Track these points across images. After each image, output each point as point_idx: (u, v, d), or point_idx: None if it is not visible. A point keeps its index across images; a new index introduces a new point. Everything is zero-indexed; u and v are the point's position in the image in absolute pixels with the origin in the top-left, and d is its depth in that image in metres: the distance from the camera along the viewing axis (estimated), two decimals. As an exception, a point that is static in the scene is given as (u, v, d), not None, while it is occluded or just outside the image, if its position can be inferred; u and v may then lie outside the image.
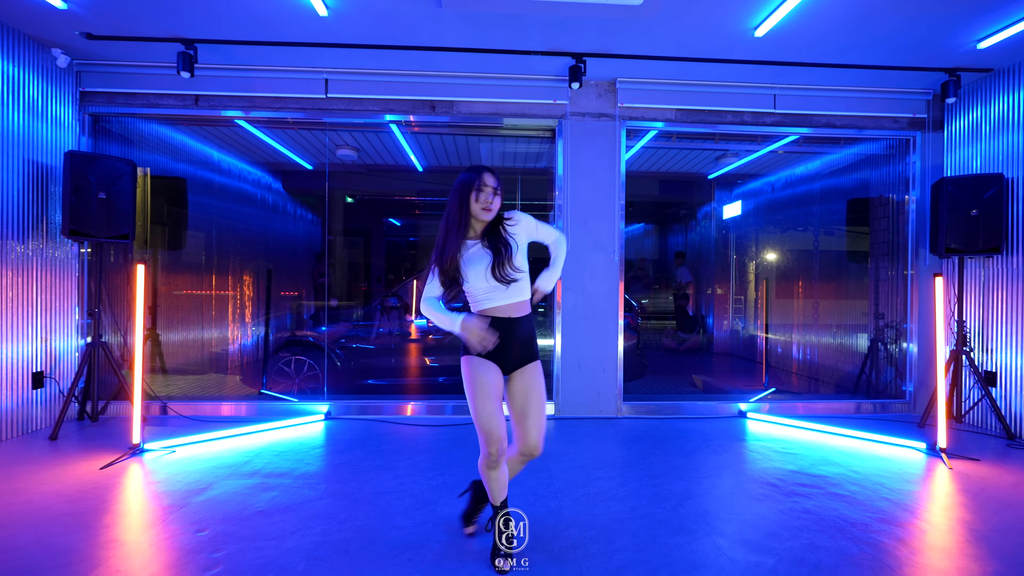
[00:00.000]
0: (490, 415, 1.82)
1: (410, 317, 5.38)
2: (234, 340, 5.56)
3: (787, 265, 6.37)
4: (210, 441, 3.31)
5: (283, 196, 6.72)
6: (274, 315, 5.73)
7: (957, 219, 3.75)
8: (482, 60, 3.72)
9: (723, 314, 7.33)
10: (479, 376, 1.86)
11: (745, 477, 2.84)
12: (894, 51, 3.55)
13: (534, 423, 1.88)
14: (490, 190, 1.85)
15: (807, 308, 5.92)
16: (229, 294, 5.64)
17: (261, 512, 2.31)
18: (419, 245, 9.11)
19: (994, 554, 2.03)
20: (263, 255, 6.13)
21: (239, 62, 3.77)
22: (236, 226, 5.85)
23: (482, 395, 1.84)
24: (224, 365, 5.38)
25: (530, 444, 1.89)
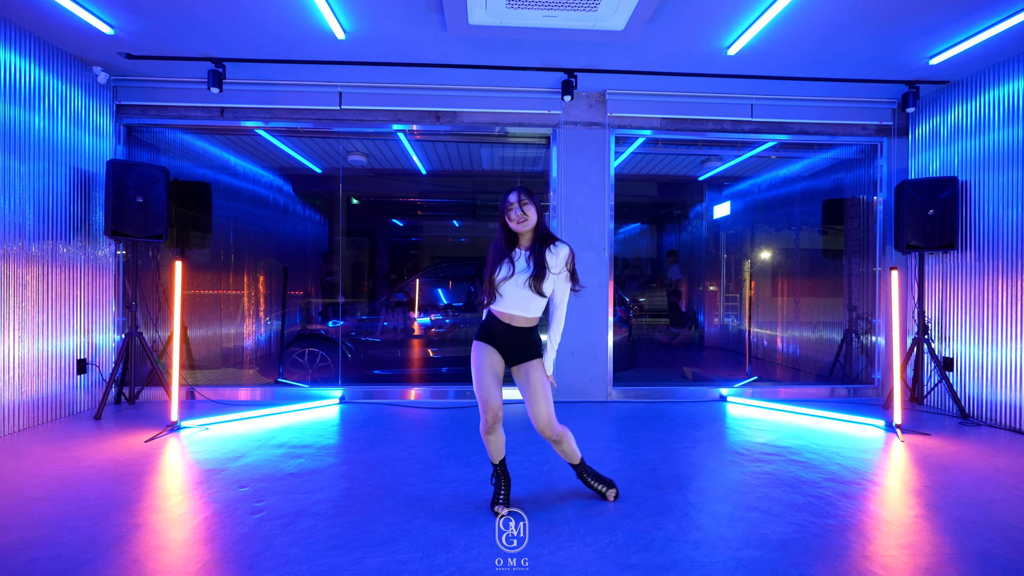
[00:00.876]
0: (487, 388, 2.17)
1: (413, 314, 5.75)
2: (250, 335, 5.92)
3: (772, 263, 6.73)
4: (238, 420, 3.67)
5: (293, 198, 7.09)
6: (289, 310, 6.10)
7: (916, 218, 4.11)
8: (483, 75, 4.08)
9: (714, 310, 7.68)
10: (481, 356, 2.22)
11: (717, 448, 3.20)
12: (855, 66, 3.91)
13: (536, 409, 2.19)
14: (515, 205, 2.15)
15: (790, 303, 6.28)
16: (244, 292, 6.00)
17: (292, 474, 2.67)
18: (421, 245, 9.48)
19: (923, 503, 2.39)
20: (275, 255, 6.50)
21: (262, 77, 4.14)
22: (251, 227, 6.22)
23: (482, 372, 2.20)
24: (241, 359, 5.74)
25: (537, 426, 2.21)
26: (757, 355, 6.58)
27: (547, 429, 2.20)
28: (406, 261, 9.39)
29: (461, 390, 4.48)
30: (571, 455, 2.33)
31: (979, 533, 2.09)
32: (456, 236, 9.28)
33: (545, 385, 2.21)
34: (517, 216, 2.15)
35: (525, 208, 2.15)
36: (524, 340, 2.23)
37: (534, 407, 2.20)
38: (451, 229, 9.25)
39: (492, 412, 2.17)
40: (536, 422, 2.20)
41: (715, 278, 7.78)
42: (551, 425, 2.21)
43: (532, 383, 2.21)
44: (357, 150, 5.45)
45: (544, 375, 2.23)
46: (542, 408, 2.19)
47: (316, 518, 2.17)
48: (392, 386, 4.56)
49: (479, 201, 8.08)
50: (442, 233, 9.46)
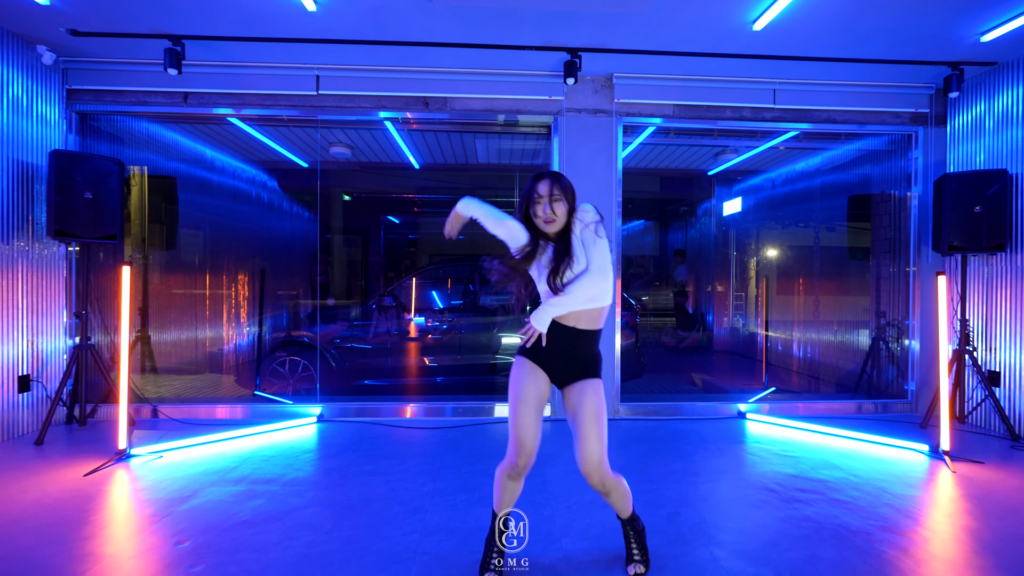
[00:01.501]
0: (523, 422, 1.69)
1: (408, 315, 5.34)
2: (229, 340, 5.50)
3: (787, 262, 6.30)
4: (199, 445, 3.25)
5: (279, 194, 6.64)
6: (271, 314, 5.67)
7: (960, 216, 3.67)
8: (476, 56, 3.64)
9: (723, 312, 7.27)
10: (523, 380, 1.75)
11: (744, 482, 2.78)
12: (895, 44, 3.47)
13: (587, 445, 1.67)
14: (544, 200, 1.72)
15: (808, 306, 5.85)
16: (224, 293, 5.58)
17: (245, 522, 2.25)
18: (419, 243, 9.05)
19: (1001, 564, 1.97)
20: (259, 254, 6.07)
21: (228, 59, 3.70)
22: (231, 224, 5.78)
23: (520, 400, 1.72)
24: (219, 365, 5.32)
25: (584, 467, 1.68)
26: (771, 361, 6.15)
27: (596, 473, 1.68)
28: (403, 259, 8.97)
29: (457, 407, 4.06)
30: (621, 508, 1.86)
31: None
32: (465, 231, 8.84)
33: (602, 415, 1.71)
34: (546, 214, 1.72)
35: (556, 206, 1.72)
36: (584, 351, 1.76)
37: (584, 442, 1.68)
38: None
39: (526, 455, 1.69)
40: (584, 462, 1.68)
41: (724, 278, 7.36)
42: (602, 468, 1.69)
43: (586, 410, 1.70)
44: (340, 141, 5.01)
45: (604, 404, 1.74)
46: (594, 446, 1.67)
47: (262, 590, 1.75)
48: (377, 402, 4.13)
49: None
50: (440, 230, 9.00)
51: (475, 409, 4.04)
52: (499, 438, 3.49)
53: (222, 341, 5.49)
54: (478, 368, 4.95)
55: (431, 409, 4.03)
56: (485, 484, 2.68)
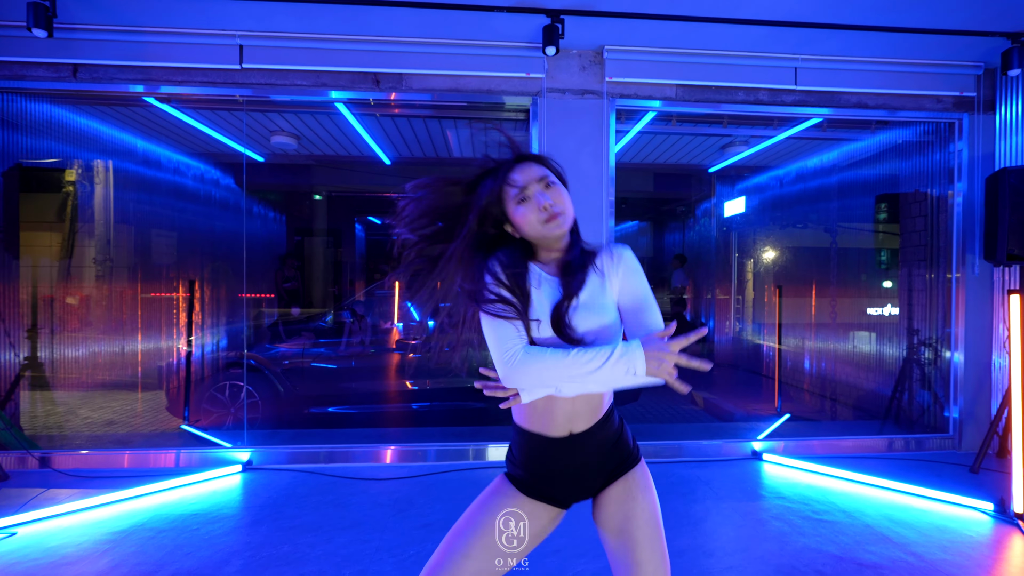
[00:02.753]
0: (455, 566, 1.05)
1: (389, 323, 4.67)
2: (163, 360, 4.77)
3: (798, 269, 5.67)
4: (74, 513, 2.53)
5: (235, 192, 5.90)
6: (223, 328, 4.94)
7: (1020, 219, 3.05)
8: (436, 20, 2.95)
9: (725, 321, 6.65)
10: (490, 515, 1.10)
11: (767, 564, 2.12)
12: (943, 8, 2.82)
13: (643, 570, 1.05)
14: (534, 185, 1.08)
15: (823, 318, 5.22)
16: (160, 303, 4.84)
17: (70, 665, 1.56)
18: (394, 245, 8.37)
19: None
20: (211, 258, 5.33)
21: (126, 22, 2.98)
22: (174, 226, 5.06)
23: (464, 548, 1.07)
24: (156, 383, 4.59)
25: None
26: (784, 379, 5.52)
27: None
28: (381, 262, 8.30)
29: (419, 450, 3.37)
30: None
31: None
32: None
33: (659, 529, 1.10)
34: (544, 203, 1.07)
35: (554, 191, 1.10)
36: (607, 438, 1.14)
37: (644, 565, 1.05)
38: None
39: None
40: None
41: (726, 285, 6.74)
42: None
43: (638, 523, 1.08)
44: (281, 129, 4.29)
45: (655, 500, 1.13)
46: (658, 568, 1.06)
47: None
48: (319, 446, 3.42)
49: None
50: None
51: (444, 452, 3.35)
52: (464, 492, 2.81)
53: (160, 358, 4.75)
54: (453, 392, 4.27)
55: (383, 453, 3.34)
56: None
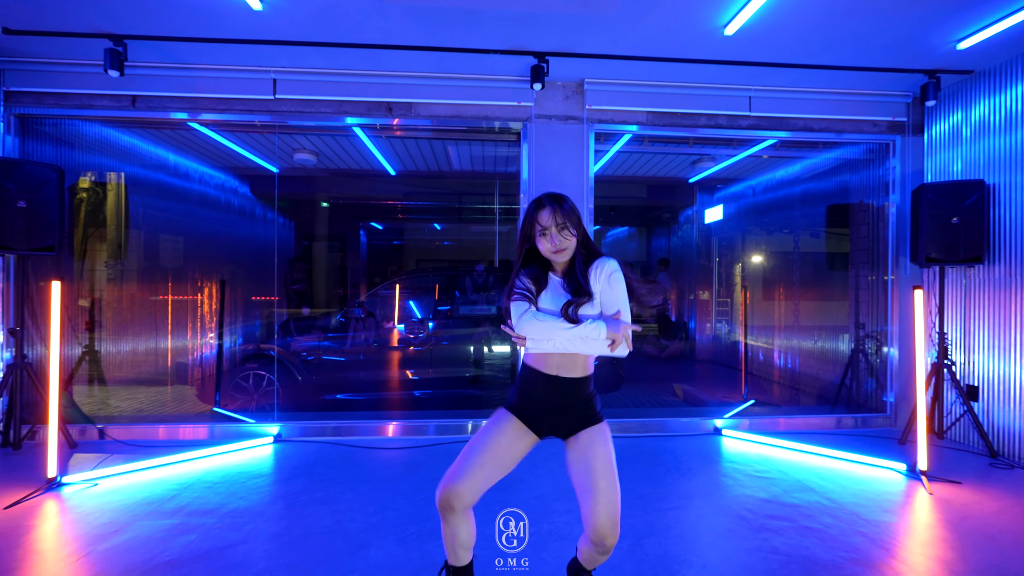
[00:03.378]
0: (466, 472, 1.50)
1: (380, 326, 5.16)
2: (193, 352, 5.27)
3: (768, 271, 6.22)
4: (140, 471, 3.04)
5: (251, 200, 6.43)
6: (239, 325, 5.46)
7: (938, 227, 3.59)
8: (439, 59, 3.50)
9: (706, 320, 7.17)
10: (498, 434, 1.57)
11: (714, 508, 2.64)
12: (871, 51, 3.38)
13: (596, 501, 1.45)
14: (551, 232, 1.56)
15: (788, 315, 5.76)
16: (188, 302, 5.36)
17: (169, 562, 2.07)
18: (401, 249, 8.89)
19: (976, 604, 1.84)
20: (230, 262, 5.85)
21: (178, 60, 3.52)
22: (199, 233, 5.58)
23: (480, 451, 1.54)
24: (184, 377, 5.10)
25: (594, 528, 1.45)
26: (753, 371, 6.06)
27: (612, 535, 1.45)
28: (385, 266, 8.83)
29: (426, 424, 3.89)
30: (596, 565, 1.62)
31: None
32: (438, 239, 8.73)
33: (614, 467, 1.53)
34: (555, 245, 1.57)
35: (564, 234, 1.57)
36: (578, 398, 1.60)
37: (598, 502, 1.45)
38: (430, 232, 8.69)
39: (452, 495, 1.48)
40: (598, 526, 1.44)
41: (707, 286, 7.27)
42: (616, 530, 1.46)
43: (596, 464, 1.50)
44: (304, 148, 4.83)
45: (611, 450, 1.56)
46: (610, 499, 1.46)
47: (170, 650, 1.58)
48: (340, 420, 3.94)
49: (458, 204, 7.52)
50: (419, 236, 8.90)
51: (443, 427, 3.87)
52: (463, 459, 3.33)
53: (187, 353, 5.26)
54: (451, 381, 4.79)
55: (398, 427, 3.86)
56: (437, 514, 2.51)
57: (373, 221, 8.41)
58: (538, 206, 1.59)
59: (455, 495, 1.49)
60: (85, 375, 4.04)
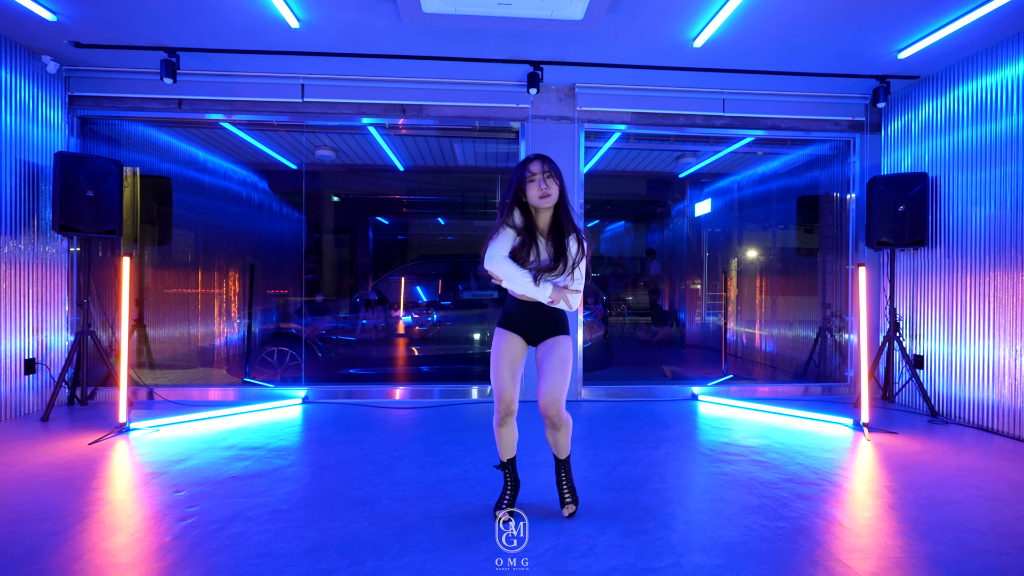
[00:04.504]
0: (501, 379, 2.05)
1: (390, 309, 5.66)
2: (220, 334, 5.79)
3: (750, 260, 6.69)
4: (192, 422, 3.56)
5: (269, 195, 6.95)
6: (261, 309, 5.97)
7: (887, 215, 4.07)
8: (447, 67, 3.99)
9: (695, 307, 7.65)
10: (501, 345, 2.09)
11: (680, 448, 3.13)
12: (826, 60, 3.86)
13: (552, 381, 2.01)
14: (539, 177, 1.95)
15: (768, 301, 6.24)
16: (216, 291, 5.87)
17: (234, 477, 2.57)
18: (406, 243, 9.39)
19: (879, 505, 2.33)
20: (250, 252, 6.36)
21: (220, 68, 4.02)
22: (222, 224, 6.08)
23: (500, 361, 2.06)
24: (211, 358, 5.61)
25: (544, 400, 2.00)
26: (736, 353, 6.54)
27: (553, 406, 2.02)
28: (392, 259, 9.30)
29: (433, 389, 4.39)
30: (563, 447, 2.16)
31: (932, 535, 2.04)
32: (442, 233, 9.21)
33: (567, 362, 2.05)
34: (541, 190, 1.94)
35: (550, 181, 1.96)
36: (548, 315, 2.10)
37: (548, 378, 2.02)
38: (435, 226, 9.17)
39: (505, 403, 2.05)
40: (545, 395, 2.01)
41: (696, 276, 7.74)
42: (559, 403, 2.02)
43: (554, 355, 2.05)
44: (325, 144, 5.34)
45: (570, 353, 2.07)
46: (557, 381, 2.01)
47: (248, 524, 2.08)
48: (357, 385, 4.45)
49: (462, 198, 8.01)
50: (424, 231, 9.39)
51: (448, 392, 4.37)
52: (468, 416, 3.83)
53: (214, 336, 5.78)
54: (454, 357, 5.30)
55: (407, 392, 4.37)
56: (449, 451, 3.02)
57: (377, 215, 8.87)
58: (528, 159, 2.00)
59: (511, 404, 2.06)
60: (133, 350, 4.55)
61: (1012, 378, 3.44)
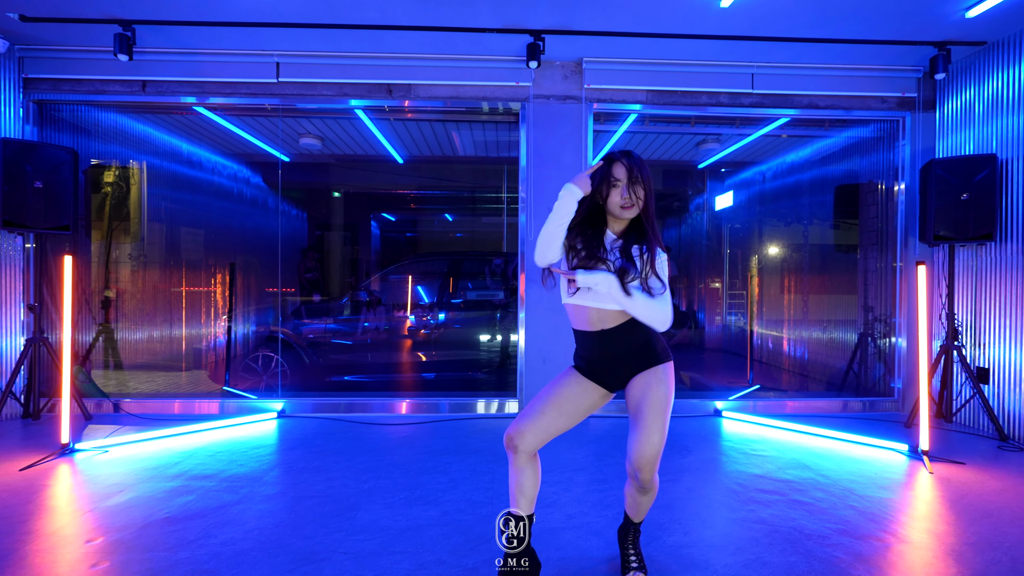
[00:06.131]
0: (531, 413, 1.60)
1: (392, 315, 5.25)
2: (207, 336, 5.44)
3: (778, 258, 6.11)
4: (148, 440, 3.17)
5: (263, 190, 6.57)
6: (254, 310, 5.60)
7: (947, 204, 3.49)
8: (437, 40, 3.53)
9: (715, 309, 7.09)
10: (566, 386, 1.65)
11: (705, 481, 2.64)
12: (876, 22, 3.29)
13: (647, 435, 1.52)
14: (622, 184, 1.56)
15: (798, 302, 5.66)
16: (203, 290, 5.52)
17: (167, 519, 2.16)
18: (412, 239, 8.99)
19: (964, 572, 1.81)
20: (241, 249, 6.00)
21: (185, 45, 3.62)
22: (208, 220, 5.73)
23: (551, 400, 1.63)
24: (196, 361, 5.26)
25: (631, 459, 1.53)
26: (761, 359, 5.97)
27: (651, 467, 1.53)
28: (397, 256, 8.91)
29: (422, 403, 3.95)
30: (643, 511, 1.73)
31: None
32: (451, 230, 8.78)
33: (667, 405, 1.57)
34: (624, 199, 1.56)
35: (636, 188, 1.56)
36: (627, 344, 1.62)
37: (644, 433, 1.52)
38: (438, 222, 8.76)
39: (519, 435, 1.58)
40: (640, 455, 1.51)
41: (717, 274, 7.18)
42: (655, 462, 1.53)
43: (650, 400, 1.55)
44: (308, 132, 4.92)
45: (671, 391, 1.60)
46: (655, 437, 1.52)
47: (159, 591, 1.65)
48: (340, 397, 4.03)
49: (467, 192, 7.57)
50: (430, 228, 8.98)
51: (447, 405, 3.93)
52: (461, 435, 3.38)
53: (198, 337, 5.43)
54: (454, 365, 4.85)
55: (399, 405, 3.93)
56: (429, 482, 2.57)
57: (380, 211, 8.49)
58: (612, 160, 1.59)
59: (518, 434, 1.59)
60: (101, 356, 4.20)
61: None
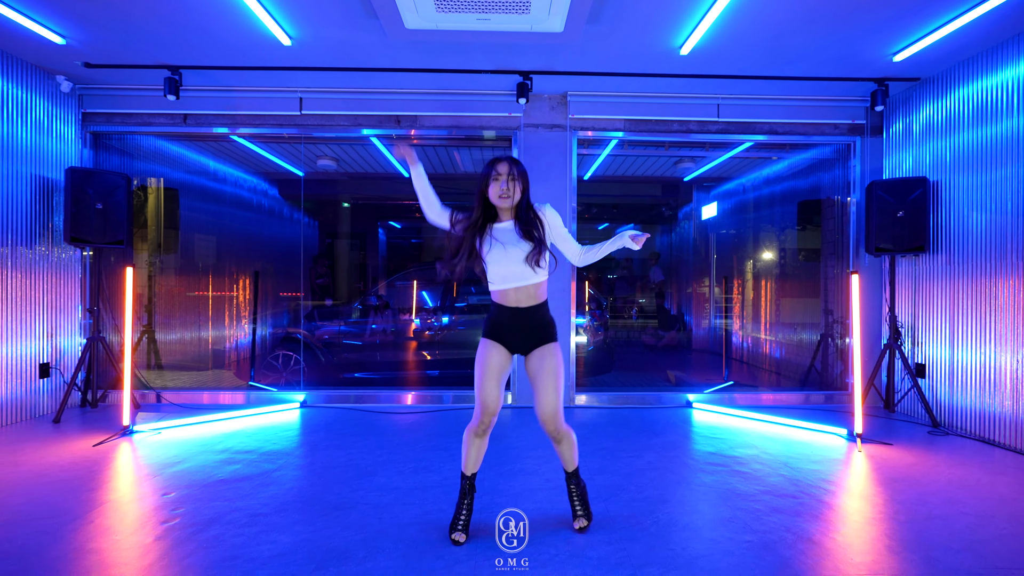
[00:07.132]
0: (487, 390, 2.02)
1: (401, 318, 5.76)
2: (230, 338, 5.98)
3: (755, 265, 6.60)
4: (192, 425, 3.70)
5: (280, 202, 7.12)
6: (271, 314, 6.15)
7: (886, 220, 3.98)
8: (439, 79, 4.06)
9: (701, 312, 7.57)
10: (486, 355, 2.06)
11: (664, 457, 3.13)
12: (817, 64, 3.80)
13: (545, 396, 2.00)
14: (503, 178, 1.98)
15: (772, 306, 6.15)
16: (227, 295, 6.06)
17: (222, 480, 2.68)
18: (416, 247, 9.51)
19: (855, 520, 2.30)
20: (260, 257, 6.55)
21: (221, 84, 4.17)
22: (233, 230, 6.28)
23: (485, 372, 2.04)
24: (221, 362, 5.80)
25: (542, 416, 2.01)
26: (741, 358, 6.45)
27: (551, 421, 2.01)
28: (404, 263, 9.41)
29: (425, 395, 4.46)
30: (569, 459, 2.16)
31: (903, 553, 2.01)
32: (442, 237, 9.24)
33: (559, 374, 2.03)
34: (502, 191, 1.99)
35: (512, 184, 1.99)
36: (535, 320, 2.06)
37: (543, 394, 2.01)
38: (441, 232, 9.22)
39: (488, 414, 2.01)
40: (541, 412, 2.00)
41: (702, 280, 7.66)
42: (557, 417, 2.02)
43: (545, 368, 2.02)
44: (325, 154, 5.48)
45: (560, 363, 2.04)
46: (551, 396, 2.00)
47: (226, 527, 2.17)
48: (355, 390, 4.55)
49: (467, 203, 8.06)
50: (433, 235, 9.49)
51: (447, 397, 4.44)
52: (455, 422, 3.88)
53: (223, 339, 5.97)
54: (453, 362, 5.36)
55: (406, 396, 4.45)
56: (432, 456, 3.08)
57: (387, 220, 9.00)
58: (498, 159, 2.03)
59: (491, 418, 2.03)
60: (143, 354, 4.75)
61: (1014, 388, 3.33)
